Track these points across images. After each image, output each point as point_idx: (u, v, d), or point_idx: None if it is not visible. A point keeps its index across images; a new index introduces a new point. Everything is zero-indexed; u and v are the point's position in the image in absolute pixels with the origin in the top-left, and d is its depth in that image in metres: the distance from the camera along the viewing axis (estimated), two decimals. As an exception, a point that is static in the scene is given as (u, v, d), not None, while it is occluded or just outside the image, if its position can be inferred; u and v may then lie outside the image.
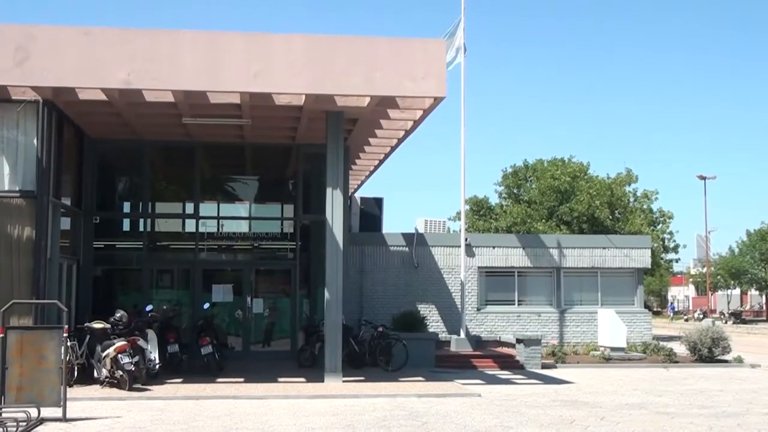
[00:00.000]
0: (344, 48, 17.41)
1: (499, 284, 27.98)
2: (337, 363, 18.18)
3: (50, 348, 13.57)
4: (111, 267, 23.71)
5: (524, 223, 43.90)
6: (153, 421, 13.37)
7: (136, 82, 16.80)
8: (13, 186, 17.73)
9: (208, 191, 24.36)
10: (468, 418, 13.99)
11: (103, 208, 23.28)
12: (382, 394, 16.70)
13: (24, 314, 17.06)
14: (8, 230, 17.51)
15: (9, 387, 13.35)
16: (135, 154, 23.43)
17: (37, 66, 16.51)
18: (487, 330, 27.10)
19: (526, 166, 48.82)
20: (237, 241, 24.33)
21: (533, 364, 22.84)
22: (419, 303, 26.59)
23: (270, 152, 24.29)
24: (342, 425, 13.15)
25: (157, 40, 16.97)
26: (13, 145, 17.82)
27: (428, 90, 17.48)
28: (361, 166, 26.96)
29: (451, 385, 18.31)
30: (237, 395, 16.31)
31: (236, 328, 23.47)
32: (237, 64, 16.98)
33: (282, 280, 24.22)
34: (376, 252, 26.96)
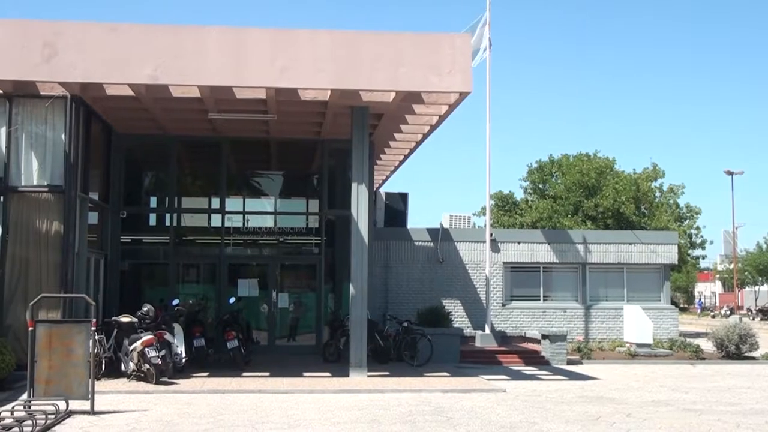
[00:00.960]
0: (369, 43, 17.41)
1: (524, 280, 27.88)
2: (362, 358, 18.21)
3: (78, 341, 13.68)
4: (138, 261, 23.87)
5: (549, 219, 43.72)
6: (180, 415, 13.45)
7: (163, 78, 16.90)
8: (42, 181, 17.88)
9: (233, 186, 24.47)
10: (493, 413, 13.97)
11: (130, 202, 23.43)
12: (407, 389, 16.70)
13: (52, 308, 17.22)
14: (37, 225, 17.67)
15: (38, 380, 13.48)
16: (161, 149, 23.57)
17: (65, 62, 16.65)
18: (512, 325, 27.02)
19: (552, 161, 48.59)
20: (262, 235, 24.40)
21: (558, 360, 22.77)
22: (444, 298, 26.57)
23: (295, 147, 24.34)
24: (367, 420, 13.17)
25: (182, 35, 17.06)
26: (41, 140, 17.97)
27: (453, 85, 17.44)
28: (386, 161, 26.96)
29: (476, 380, 18.29)
30: (263, 389, 16.37)
31: (261, 322, 23.55)
32: (262, 59, 17.04)
33: (307, 275, 24.28)
34: (401, 247, 26.94)
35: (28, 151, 17.92)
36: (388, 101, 18.39)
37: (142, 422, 12.74)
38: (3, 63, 16.54)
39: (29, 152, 17.92)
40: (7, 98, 17.77)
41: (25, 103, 17.93)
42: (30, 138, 17.95)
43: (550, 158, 48.75)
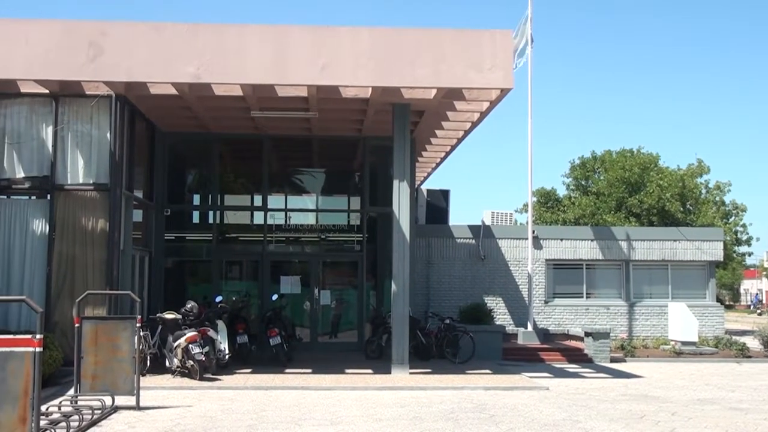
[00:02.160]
0: (410, 40, 17.40)
1: (567, 277, 27.69)
2: (404, 355, 18.22)
3: (124, 338, 13.84)
4: (181, 258, 24.10)
5: (592, 215, 43.36)
6: (223, 411, 13.56)
7: (205, 76, 17.03)
8: (88, 179, 18.10)
9: (275, 184, 24.59)
10: (536, 411, 13.90)
11: (174, 200, 23.64)
12: (449, 387, 16.68)
13: (98, 305, 17.45)
14: (83, 222, 17.91)
15: (84, 375, 13.67)
16: (204, 147, 23.77)
17: (110, 61, 16.85)
18: (554, 323, 26.86)
19: (595, 157, 48.16)
20: (304, 233, 24.49)
21: (602, 358, 22.61)
22: (486, 295, 26.48)
23: (337, 145, 24.40)
24: (409, 417, 13.17)
25: (225, 34, 17.17)
26: (87, 139, 18.20)
27: (495, 81, 17.36)
28: (427, 158, 26.92)
29: (519, 378, 18.21)
30: (305, 386, 16.45)
31: (304, 319, 23.65)
32: (304, 57, 17.10)
33: (349, 272, 24.34)
34: (442, 244, 26.89)
35: (74, 150, 18.16)
36: (429, 98, 18.37)
37: (187, 418, 12.87)
38: (49, 63, 16.78)
39: (75, 151, 18.16)
40: (54, 98, 18.02)
41: (71, 102, 18.17)
42: (76, 137, 18.19)
43: (593, 154, 48.32)
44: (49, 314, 17.21)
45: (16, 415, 8.68)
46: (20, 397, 8.69)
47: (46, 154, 18.04)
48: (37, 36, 16.82)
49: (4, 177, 17.88)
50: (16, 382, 8.71)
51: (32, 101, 18.11)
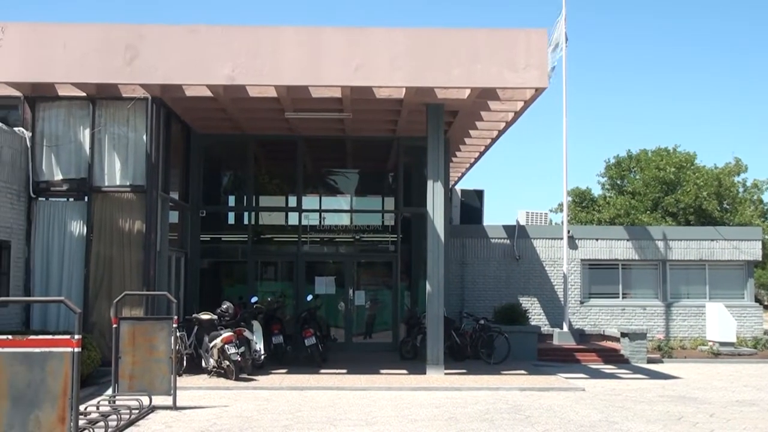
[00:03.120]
0: (444, 40, 17.37)
1: (602, 277, 27.47)
2: (439, 355, 18.19)
3: (161, 338, 13.95)
4: (217, 259, 24.24)
5: (628, 215, 43.06)
6: (259, 411, 13.63)
7: (240, 78, 17.13)
8: (124, 181, 18.28)
9: (310, 184, 24.66)
10: (572, 412, 13.83)
11: (209, 201, 23.79)
12: (485, 387, 16.64)
13: (135, 305, 17.61)
14: (120, 224, 18.08)
15: (122, 375, 13.80)
16: (239, 148, 23.90)
17: (146, 64, 17.00)
18: (590, 323, 26.67)
19: (630, 156, 47.82)
20: (339, 233, 24.53)
21: (638, 359, 22.43)
22: (521, 295, 26.37)
23: (371, 145, 24.42)
24: (444, 417, 13.15)
25: (259, 36, 17.25)
26: (123, 141, 18.37)
27: (530, 81, 17.29)
28: (461, 158, 26.88)
29: (555, 378, 18.12)
30: (340, 386, 16.48)
31: (338, 319, 23.70)
32: (338, 58, 17.13)
33: (383, 273, 24.35)
34: (477, 244, 26.81)
35: (111, 152, 18.34)
36: (464, 98, 18.33)
37: (223, 418, 12.95)
38: (87, 66, 16.96)
39: (112, 153, 18.34)
40: (91, 101, 18.22)
41: (108, 105, 18.35)
42: (113, 139, 18.37)
43: (628, 153, 48.00)
44: (87, 315, 17.39)
45: (55, 415, 8.77)
46: (59, 397, 8.78)
47: (83, 156, 18.23)
48: (75, 39, 17.01)
49: (43, 179, 18.10)
50: (55, 382, 8.80)
51: (70, 104, 18.32)
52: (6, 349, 8.81)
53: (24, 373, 8.80)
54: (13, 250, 17.00)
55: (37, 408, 8.77)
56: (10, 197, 16.82)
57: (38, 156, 18.11)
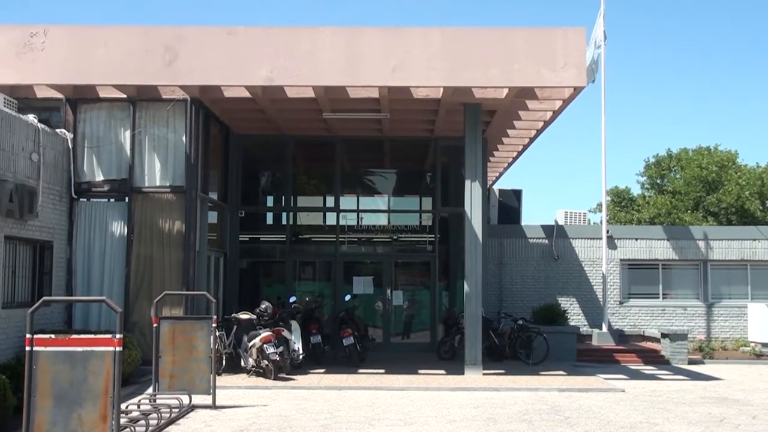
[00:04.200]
0: (482, 40, 17.32)
1: (642, 277, 27.21)
2: (477, 356, 18.15)
3: (200, 337, 14.07)
4: (255, 259, 24.37)
5: (668, 215, 42.59)
6: (298, 410, 13.68)
7: (278, 79, 17.20)
8: (164, 182, 18.44)
9: (347, 185, 24.72)
10: (611, 413, 13.72)
11: (248, 202, 23.93)
12: (523, 388, 16.57)
13: (175, 305, 17.76)
14: (160, 224, 18.25)
15: (162, 374, 13.93)
16: (277, 149, 24.00)
17: (185, 66, 17.13)
18: (630, 324, 26.43)
19: (670, 155, 47.28)
20: (376, 233, 24.56)
21: (679, 360, 22.21)
22: (559, 296, 26.20)
23: (408, 145, 24.42)
24: (483, 418, 13.12)
25: (297, 37, 17.31)
26: (163, 142, 18.53)
27: (568, 79, 17.17)
28: (499, 158, 26.78)
29: (594, 379, 17.99)
30: (378, 386, 16.50)
31: (376, 319, 23.72)
32: (375, 58, 17.15)
33: (421, 273, 24.33)
34: (515, 244, 26.69)
35: (151, 153, 18.51)
36: (501, 97, 18.27)
37: (262, 417, 13.02)
38: (127, 68, 17.13)
39: (152, 154, 18.51)
40: (131, 102, 18.39)
41: (148, 106, 18.52)
42: (152, 140, 18.53)
43: (668, 152, 47.46)
44: (127, 314, 17.56)
45: (97, 414, 8.88)
46: (101, 396, 8.89)
47: (124, 157, 18.42)
48: (115, 42, 17.19)
49: (84, 180, 18.30)
50: (97, 380, 8.91)
51: (111, 106, 18.51)
52: (49, 348, 8.93)
53: (66, 372, 8.92)
54: (56, 251, 17.22)
55: (79, 406, 8.88)
56: (52, 198, 17.03)
57: (80, 157, 18.31)
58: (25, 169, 15.61)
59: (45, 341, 8.97)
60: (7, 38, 17.11)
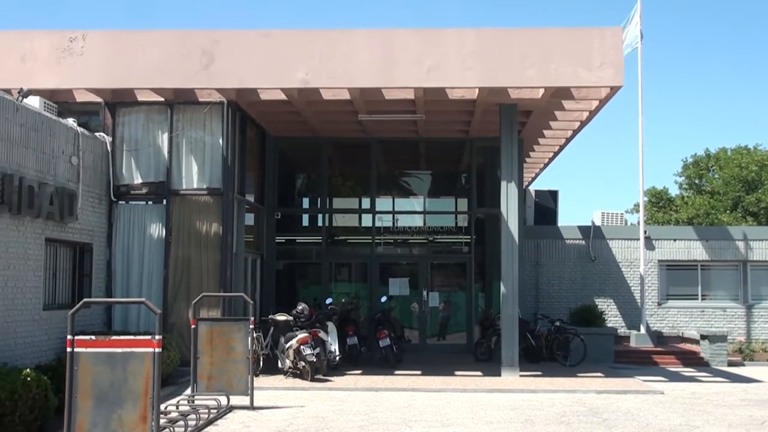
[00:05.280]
0: (517, 40, 17.26)
1: (680, 278, 26.93)
2: (514, 357, 18.07)
3: (238, 339, 14.16)
4: (292, 261, 24.45)
5: (707, 215, 42.19)
6: (335, 411, 13.72)
7: (314, 81, 17.26)
8: (201, 184, 18.57)
9: (383, 186, 24.74)
10: (650, 415, 13.61)
11: (284, 204, 24.03)
12: (561, 390, 16.48)
13: (213, 306, 17.86)
14: (197, 226, 18.38)
15: (200, 375, 14.04)
16: (313, 150, 24.08)
17: (222, 69, 17.25)
18: (668, 325, 26.18)
19: (709, 155, 46.87)
20: (412, 235, 24.56)
21: (719, 362, 21.97)
22: (596, 297, 26.01)
23: (443, 146, 24.40)
24: (520, 420, 13.07)
25: (333, 39, 17.37)
26: (200, 145, 18.67)
27: (605, 79, 17.06)
28: (535, 159, 26.66)
29: (632, 381, 17.85)
30: (415, 388, 16.50)
31: (412, 321, 23.71)
32: (410, 60, 17.15)
33: (457, 274, 24.29)
34: (551, 245, 26.53)
35: (189, 156, 18.65)
36: (537, 98, 18.19)
37: (299, 418, 13.07)
38: (165, 72, 17.29)
39: (189, 157, 18.65)
40: (169, 105, 18.55)
41: (185, 109, 18.66)
42: (190, 143, 18.67)
43: (707, 152, 47.06)
44: (165, 315, 17.68)
45: (137, 414, 8.97)
46: (141, 396, 8.98)
47: (162, 160, 18.58)
48: (153, 46, 17.36)
49: (123, 183, 18.48)
50: (136, 381, 9.00)
51: (149, 109, 18.68)
52: (89, 349, 9.04)
53: (107, 372, 9.02)
54: (95, 253, 17.41)
55: (119, 407, 8.98)
56: (92, 201, 17.23)
57: (118, 160, 18.50)
58: (65, 173, 15.80)
59: (86, 342, 9.08)
60: (47, 43, 17.35)
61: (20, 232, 14.04)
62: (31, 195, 14.18)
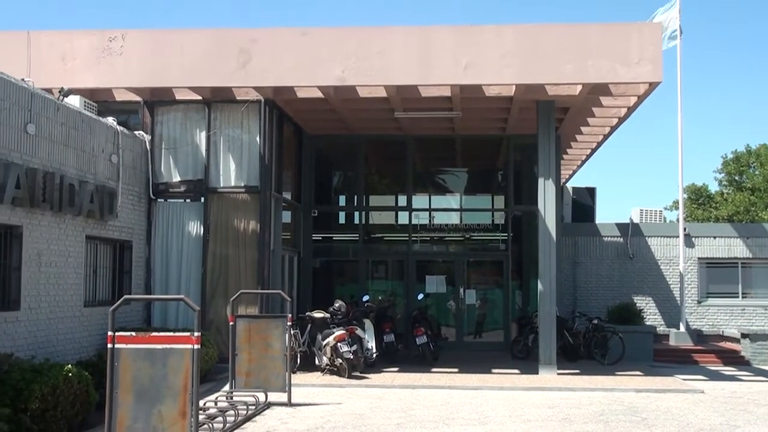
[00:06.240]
0: (554, 36, 17.15)
1: (721, 276, 26.62)
2: (552, 355, 17.98)
3: (275, 336, 14.23)
4: (329, 258, 24.52)
5: (747, 212, 41.66)
6: (372, 409, 13.74)
7: (351, 79, 17.28)
8: (239, 182, 18.68)
9: (419, 184, 24.72)
10: (690, 415, 13.47)
11: (321, 201, 24.09)
12: (599, 388, 16.37)
13: (250, 303, 17.96)
14: (235, 224, 18.49)
15: (239, 372, 14.14)
16: (349, 148, 24.11)
17: (259, 67, 17.33)
18: (708, 324, 25.91)
19: (749, 151, 46.24)
20: (448, 232, 24.53)
21: (760, 361, 21.71)
22: (635, 295, 25.79)
23: (480, 143, 24.33)
24: (558, 418, 13.00)
25: (369, 37, 17.38)
26: (238, 143, 18.78)
27: (643, 75, 16.90)
28: (572, 156, 26.49)
29: (672, 380, 17.68)
30: (452, 385, 16.47)
31: (449, 318, 23.68)
32: (447, 57, 17.10)
33: (494, 272, 24.22)
34: (589, 243, 26.36)
35: (226, 154, 18.76)
36: (575, 94, 18.06)
37: (336, 415, 13.10)
38: (202, 71, 17.40)
39: (227, 155, 18.76)
40: (206, 104, 18.67)
41: (222, 108, 18.78)
42: (227, 141, 18.79)
43: (747, 148, 46.43)
44: (204, 312, 17.79)
45: (176, 410, 9.04)
46: (180, 392, 9.05)
47: (200, 158, 18.72)
48: (191, 45, 17.48)
49: (162, 181, 18.65)
50: (176, 377, 9.07)
51: (186, 108, 18.83)
52: (130, 345, 9.13)
53: (147, 369, 9.10)
54: (135, 250, 17.59)
55: (159, 403, 9.06)
56: (131, 199, 17.40)
57: (157, 159, 18.67)
58: (105, 171, 15.98)
59: (126, 339, 9.17)
60: (87, 43, 17.54)
61: (61, 229, 14.22)
62: (72, 193, 14.36)
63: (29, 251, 13.22)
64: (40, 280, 13.50)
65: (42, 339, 13.49)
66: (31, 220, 13.26)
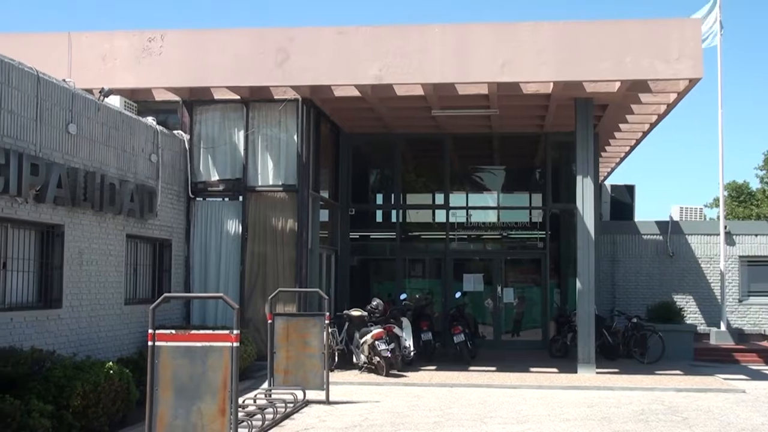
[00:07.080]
0: (593, 33, 17.03)
1: (762, 274, 26.24)
2: (591, 354, 17.86)
3: (313, 334, 14.28)
4: (366, 257, 24.57)
5: (789, 209, 41.04)
6: (410, 407, 13.74)
7: (388, 77, 17.28)
8: (277, 181, 18.77)
9: (457, 182, 24.68)
10: (732, 414, 13.31)
11: (358, 200, 24.12)
12: (638, 387, 16.24)
13: (288, 302, 18.04)
14: (273, 222, 18.59)
15: (277, 370, 14.21)
16: (387, 147, 24.12)
17: (296, 66, 17.39)
18: (750, 323, 25.57)
19: (791, 147, 45.58)
20: (486, 230, 24.47)
21: (803, 360, 21.39)
22: (675, 293, 25.53)
23: (517, 141, 24.23)
24: (598, 417, 12.92)
25: (407, 35, 17.36)
26: (275, 142, 18.87)
27: (683, 72, 16.72)
28: (611, 153, 26.28)
29: (712, 379, 17.49)
30: (490, 384, 16.43)
31: (486, 317, 23.62)
32: (484, 54, 17.05)
33: (531, 270, 24.11)
34: (628, 241, 26.13)
35: (264, 153, 18.86)
36: (613, 91, 17.90)
37: (374, 413, 13.12)
38: (241, 70, 17.50)
39: (265, 154, 18.86)
40: (244, 103, 18.79)
41: (260, 107, 18.88)
42: (265, 140, 18.89)
43: (790, 145, 45.77)
44: (242, 310, 17.89)
45: (216, 407, 9.10)
46: (219, 390, 9.11)
47: (238, 157, 18.83)
48: (229, 44, 17.59)
49: (201, 180, 18.80)
50: (215, 375, 9.14)
51: (225, 107, 18.96)
52: (170, 343, 9.21)
53: (186, 366, 9.17)
54: (174, 249, 17.75)
55: (199, 400, 9.13)
56: (170, 197, 17.56)
57: (196, 158, 18.82)
58: (144, 170, 16.15)
59: (166, 336, 9.25)
60: (127, 43, 17.72)
61: (102, 228, 14.40)
62: (113, 192, 14.53)
63: (71, 250, 13.40)
64: (81, 279, 13.68)
65: (83, 337, 13.67)
66: (72, 219, 13.43)
